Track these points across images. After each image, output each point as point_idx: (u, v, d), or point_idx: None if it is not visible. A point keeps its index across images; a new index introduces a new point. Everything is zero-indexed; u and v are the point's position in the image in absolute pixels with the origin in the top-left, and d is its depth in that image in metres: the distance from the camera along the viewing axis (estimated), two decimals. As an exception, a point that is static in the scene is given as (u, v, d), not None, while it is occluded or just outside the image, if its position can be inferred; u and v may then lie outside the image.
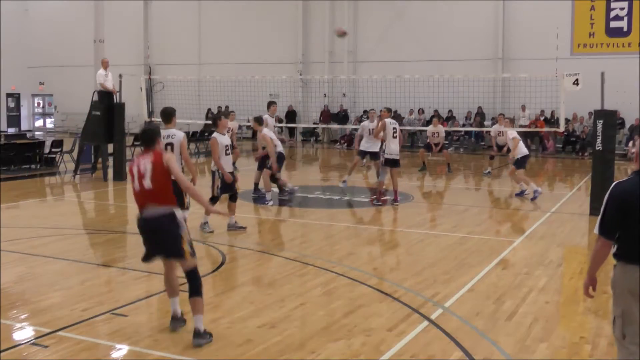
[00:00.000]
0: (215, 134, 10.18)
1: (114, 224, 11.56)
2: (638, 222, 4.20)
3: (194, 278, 5.89)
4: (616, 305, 4.32)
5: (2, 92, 35.54)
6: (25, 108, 38.73)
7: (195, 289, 5.86)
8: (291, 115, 30.15)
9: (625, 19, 25.83)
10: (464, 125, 27.57)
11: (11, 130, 34.69)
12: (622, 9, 25.83)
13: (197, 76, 30.25)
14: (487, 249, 9.71)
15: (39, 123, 39.47)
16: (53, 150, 19.31)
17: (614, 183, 4.38)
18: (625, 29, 25.83)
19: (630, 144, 24.18)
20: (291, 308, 6.86)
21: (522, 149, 14.72)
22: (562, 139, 26.11)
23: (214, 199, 10.28)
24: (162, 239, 5.85)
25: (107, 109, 17.07)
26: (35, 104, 39.44)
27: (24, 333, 6.19)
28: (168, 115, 8.74)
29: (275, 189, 14.01)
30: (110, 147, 17.30)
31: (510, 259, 9.07)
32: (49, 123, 39.04)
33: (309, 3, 31.69)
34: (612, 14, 26.04)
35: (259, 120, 13.09)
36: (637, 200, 4.20)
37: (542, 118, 26.14)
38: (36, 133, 34.92)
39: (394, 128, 13.12)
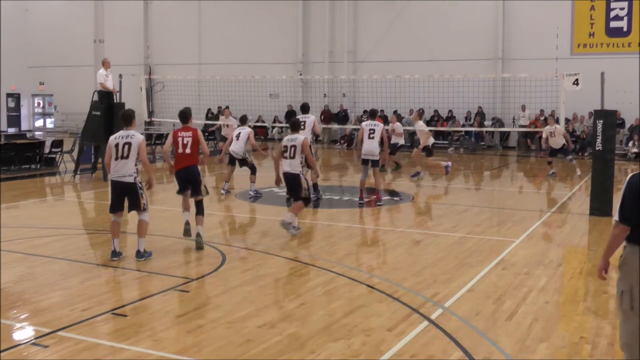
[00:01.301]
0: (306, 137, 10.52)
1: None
2: None
3: (201, 205, 9.54)
4: (624, 281, 4.70)
5: (2, 92, 35.55)
6: (25, 108, 38.74)
7: (201, 211, 9.50)
8: (291, 115, 30.08)
9: (625, 19, 25.84)
10: (464, 126, 27.58)
11: (11, 130, 34.71)
12: (622, 9, 25.84)
13: (197, 76, 30.24)
14: (487, 249, 9.70)
15: (39, 123, 39.49)
16: (53, 150, 19.32)
17: (630, 175, 4.80)
18: (625, 29, 25.84)
19: (631, 143, 24.21)
20: (291, 308, 6.86)
21: (431, 139, 17.16)
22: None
23: (306, 201, 10.32)
24: (193, 181, 9.48)
25: (107, 109, 17.07)
26: (35, 104, 39.44)
27: (24, 333, 6.19)
28: (128, 118, 8.83)
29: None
30: (110, 147, 17.27)
31: (510, 259, 9.07)
32: (49, 123, 39.06)
33: (309, 3, 31.70)
34: (612, 14, 26.05)
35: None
36: None
37: (542, 118, 26.14)
38: (36, 133, 34.93)
39: (371, 129, 13.23)
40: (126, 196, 8.75)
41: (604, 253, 4.89)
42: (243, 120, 15.07)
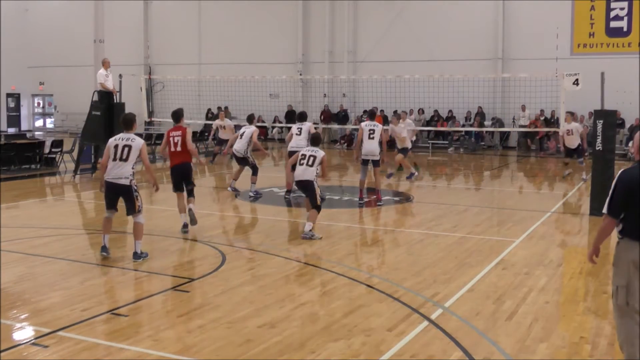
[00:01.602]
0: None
1: (113, 224, 11.51)
2: (639, 205, 4.79)
3: (192, 192, 10.48)
4: (619, 276, 4.82)
5: (2, 92, 35.55)
6: (25, 108, 38.72)
7: (191, 194, 10.47)
8: (291, 115, 30.12)
9: (625, 19, 25.83)
10: (464, 125, 27.58)
11: (11, 130, 34.71)
12: (622, 9, 25.83)
13: (197, 76, 30.25)
14: (487, 249, 9.71)
15: (39, 123, 39.47)
16: (53, 150, 19.31)
17: (621, 170, 4.93)
18: (625, 29, 25.83)
19: (630, 143, 24.19)
20: (291, 308, 6.86)
21: (409, 143, 17.59)
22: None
23: (318, 208, 10.35)
24: (186, 175, 10.39)
25: (107, 109, 17.08)
26: (35, 104, 39.43)
27: (24, 333, 6.19)
28: (129, 122, 8.91)
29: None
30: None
31: (510, 259, 9.07)
32: (49, 123, 39.04)
33: (309, 3, 31.69)
34: (612, 14, 26.04)
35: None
36: (638, 186, 4.79)
37: (542, 118, 26.14)
38: (36, 133, 34.93)
39: (370, 129, 13.30)
40: (121, 198, 8.74)
41: (594, 242, 5.10)
42: (250, 119, 15.11)
